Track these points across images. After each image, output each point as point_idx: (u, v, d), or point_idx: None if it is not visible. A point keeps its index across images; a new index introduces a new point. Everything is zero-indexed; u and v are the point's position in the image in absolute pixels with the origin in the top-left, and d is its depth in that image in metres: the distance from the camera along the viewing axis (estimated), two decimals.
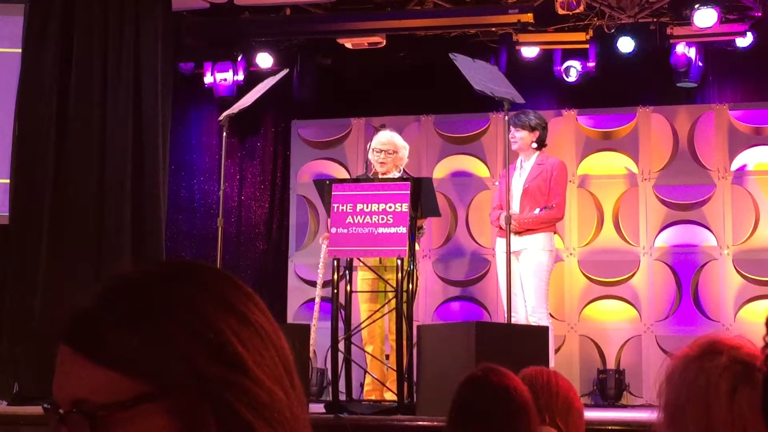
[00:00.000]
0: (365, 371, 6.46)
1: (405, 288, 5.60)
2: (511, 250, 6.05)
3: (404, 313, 5.60)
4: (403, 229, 5.57)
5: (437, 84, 8.52)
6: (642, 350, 7.94)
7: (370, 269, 6.28)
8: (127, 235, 7.15)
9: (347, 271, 5.96)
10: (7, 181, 7.36)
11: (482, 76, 6.21)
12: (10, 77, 7.41)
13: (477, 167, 8.58)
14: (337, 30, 8.10)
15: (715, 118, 8.16)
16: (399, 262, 5.61)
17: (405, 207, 5.60)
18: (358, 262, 6.22)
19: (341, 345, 5.77)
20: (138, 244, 7.18)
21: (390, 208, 5.63)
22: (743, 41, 7.98)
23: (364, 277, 6.45)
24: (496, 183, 7.55)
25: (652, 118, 8.28)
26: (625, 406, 7.68)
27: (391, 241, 5.60)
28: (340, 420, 5.20)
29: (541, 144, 6.75)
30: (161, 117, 7.37)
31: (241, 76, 8.67)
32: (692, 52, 8.05)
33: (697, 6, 7.41)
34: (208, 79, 8.70)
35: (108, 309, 0.91)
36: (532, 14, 7.53)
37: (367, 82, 8.97)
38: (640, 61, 8.26)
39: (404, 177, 6.41)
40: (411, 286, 5.66)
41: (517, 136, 6.68)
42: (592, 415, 5.35)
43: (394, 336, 5.79)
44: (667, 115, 8.29)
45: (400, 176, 6.45)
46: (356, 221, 5.68)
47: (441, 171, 8.57)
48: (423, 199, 5.74)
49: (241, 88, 8.33)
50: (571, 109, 8.44)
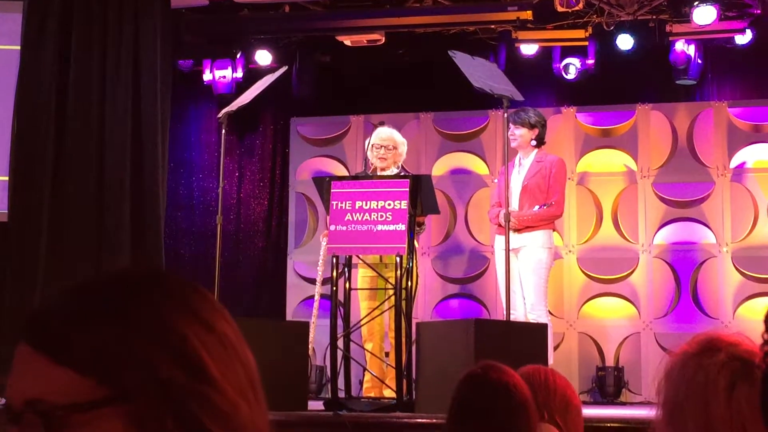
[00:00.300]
0: (364, 368, 6.46)
1: (404, 285, 5.60)
2: (510, 248, 6.05)
3: (403, 311, 5.60)
4: (402, 227, 5.57)
5: (436, 81, 8.51)
6: (641, 347, 7.94)
7: (370, 267, 6.28)
8: (126, 233, 7.15)
9: (346, 269, 5.97)
10: (6, 178, 7.36)
11: (481, 73, 6.21)
12: (9, 74, 7.41)
13: (476, 164, 8.58)
14: (336, 27, 8.10)
15: (714, 116, 8.16)
16: (398, 259, 5.61)
17: (404, 204, 5.60)
18: (358, 260, 6.23)
19: (340, 342, 5.77)
20: (137, 242, 7.18)
21: (389, 205, 5.63)
22: (742, 38, 7.98)
23: (364, 275, 6.45)
24: (495, 180, 7.55)
25: (651, 116, 8.28)
26: (623, 404, 7.69)
27: (390, 239, 5.60)
28: (339, 417, 5.20)
29: (541, 141, 6.75)
30: (160, 114, 7.37)
31: (240, 74, 8.66)
32: (691, 50, 8.05)
33: (696, 3, 7.41)
34: (207, 77, 8.70)
35: (72, 309, 0.89)
36: (531, 11, 7.53)
37: (366, 79, 8.97)
38: (640, 59, 8.25)
39: (403, 174, 6.41)
40: (410, 284, 5.66)
41: (517, 134, 6.68)
42: (591, 412, 5.36)
43: (393, 333, 5.80)
44: (666, 112, 8.29)
45: (399, 173, 6.45)
46: (355, 218, 5.68)
47: (440, 168, 8.57)
48: (422, 196, 5.74)
49: (240, 86, 8.32)
50: (570, 107, 8.44)
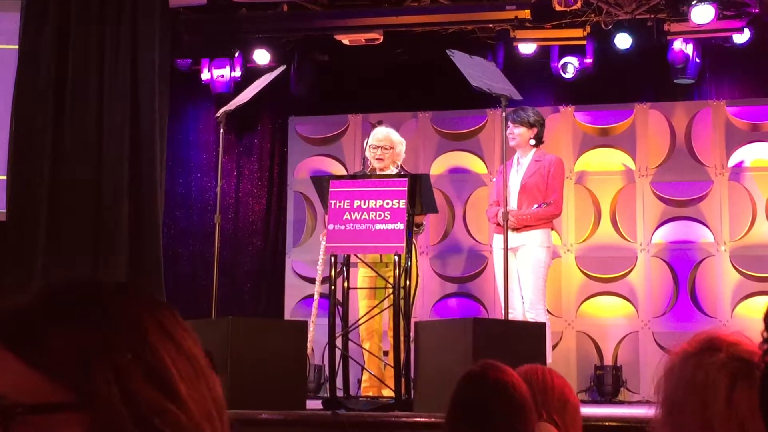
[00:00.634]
0: (363, 367, 6.46)
1: (402, 284, 5.60)
2: (509, 247, 6.06)
3: (402, 310, 5.60)
4: (401, 226, 5.57)
5: (434, 80, 8.52)
6: (639, 346, 7.95)
7: (368, 266, 6.28)
8: (124, 232, 7.14)
9: (345, 268, 5.96)
10: (4, 177, 7.36)
11: (480, 72, 6.20)
12: (7, 74, 7.41)
13: (474, 164, 8.58)
14: (334, 26, 8.11)
15: (713, 115, 8.17)
16: (396, 258, 5.61)
17: (402, 203, 5.59)
18: (357, 259, 6.22)
19: (339, 341, 5.77)
20: (135, 241, 7.18)
21: (387, 204, 5.62)
22: (740, 37, 7.98)
23: (364, 274, 6.45)
24: (494, 179, 7.55)
25: (650, 115, 8.28)
26: (622, 402, 7.69)
27: (389, 238, 5.60)
28: (338, 416, 5.20)
29: (539, 141, 6.74)
30: (158, 113, 7.36)
31: (238, 73, 8.66)
32: (689, 49, 8.05)
33: (694, 2, 7.41)
34: (206, 76, 8.69)
35: (48, 309, 0.88)
36: (529, 11, 7.54)
37: (365, 78, 8.96)
38: (638, 58, 8.26)
39: (401, 173, 6.41)
40: (408, 283, 5.66)
41: (516, 133, 6.68)
42: (589, 411, 5.36)
43: (392, 332, 5.79)
44: (665, 111, 8.30)
45: (398, 172, 6.45)
46: (353, 218, 5.68)
47: (438, 167, 8.57)
48: (421, 195, 5.74)
49: (239, 85, 8.32)
50: (568, 106, 8.44)
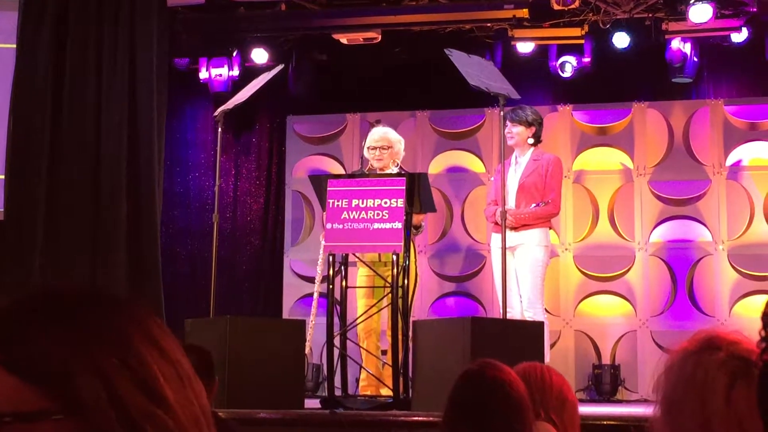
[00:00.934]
0: (361, 366, 6.46)
1: (400, 283, 5.60)
2: (507, 246, 6.06)
3: (400, 309, 5.60)
4: (399, 225, 5.57)
5: (433, 80, 8.51)
6: (637, 345, 7.95)
7: (366, 265, 6.28)
8: (122, 231, 7.14)
9: (343, 267, 5.96)
10: (2, 176, 7.35)
11: (477, 71, 6.20)
12: (5, 73, 7.40)
13: (472, 163, 8.58)
14: (332, 25, 8.10)
15: (710, 114, 8.17)
16: (394, 257, 5.61)
17: (400, 202, 5.60)
18: (356, 258, 6.23)
19: (337, 340, 5.77)
20: (133, 240, 7.17)
21: (385, 203, 5.63)
22: (738, 37, 7.99)
23: (363, 274, 6.45)
24: (492, 178, 7.55)
25: (648, 114, 8.29)
26: (620, 401, 7.70)
27: (387, 237, 5.60)
28: (336, 416, 5.20)
29: (537, 140, 6.74)
30: (156, 112, 7.36)
31: (236, 72, 8.65)
32: (687, 48, 8.06)
33: (692, 1, 7.41)
34: (204, 75, 8.69)
35: (29, 316, 0.86)
36: (527, 10, 7.54)
37: (363, 77, 8.96)
38: (636, 57, 8.26)
39: (400, 172, 6.40)
40: (407, 282, 5.66)
41: (514, 131, 6.67)
42: (587, 410, 5.37)
43: (391, 331, 5.80)
44: (663, 110, 8.30)
45: (398, 171, 6.44)
46: (352, 217, 5.68)
47: (436, 166, 8.57)
48: (420, 194, 5.74)
49: (237, 84, 8.31)
50: (566, 105, 8.44)
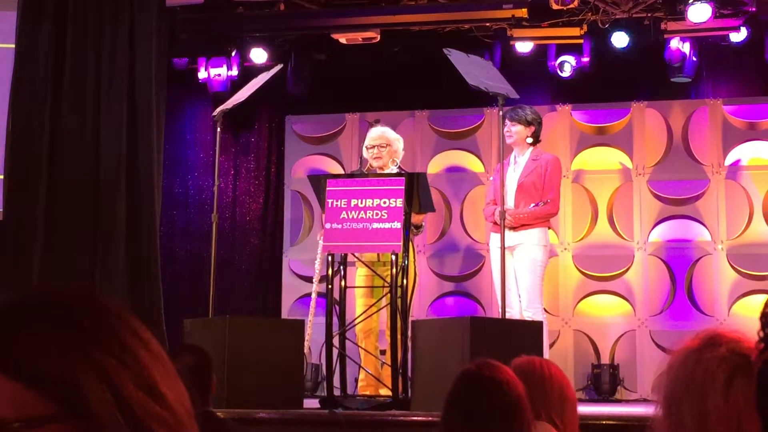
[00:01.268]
0: (360, 366, 6.46)
1: (399, 283, 5.60)
2: (506, 246, 6.06)
3: (399, 309, 5.60)
4: (398, 225, 5.57)
5: (431, 79, 8.51)
6: (636, 345, 7.95)
7: (365, 265, 6.28)
8: (121, 232, 7.14)
9: (342, 267, 5.96)
10: (1, 176, 7.35)
11: (476, 71, 6.20)
12: (4, 72, 7.39)
13: (471, 162, 8.58)
14: (331, 25, 8.10)
15: (709, 113, 8.17)
16: (393, 257, 5.61)
17: (399, 202, 5.59)
18: (356, 258, 6.22)
19: (336, 340, 5.77)
20: (133, 241, 7.17)
21: (384, 203, 5.63)
22: (737, 36, 7.99)
23: (362, 273, 6.45)
24: (491, 178, 7.55)
25: (647, 113, 8.29)
26: (619, 401, 7.70)
27: (386, 237, 5.60)
28: (335, 415, 5.20)
29: (536, 139, 6.74)
30: (155, 112, 7.36)
31: (235, 72, 8.65)
32: (686, 47, 8.06)
33: (691, 1, 7.41)
34: (202, 75, 8.69)
35: (23, 322, 0.86)
36: (526, 9, 7.53)
37: (362, 77, 8.96)
38: (635, 56, 8.26)
39: (399, 172, 6.40)
40: (406, 282, 5.66)
41: (513, 130, 6.67)
42: (586, 409, 5.37)
43: (390, 331, 5.80)
44: (662, 110, 8.30)
45: (398, 171, 6.44)
46: (351, 216, 5.68)
47: (435, 166, 8.57)
48: (419, 193, 5.74)
49: (235, 84, 8.32)
50: (565, 104, 8.44)
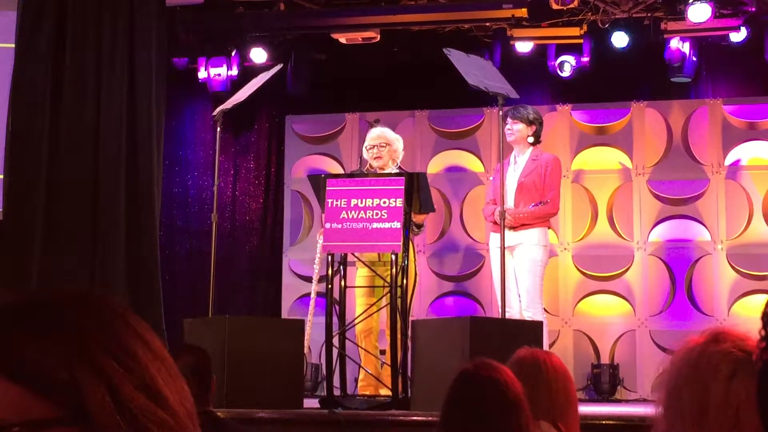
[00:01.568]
0: (360, 366, 6.47)
1: (399, 283, 5.60)
2: (506, 245, 6.06)
3: (399, 308, 5.60)
4: (398, 224, 5.57)
5: (431, 79, 8.51)
6: (636, 345, 7.95)
7: (365, 265, 6.28)
8: (121, 231, 7.13)
9: (341, 266, 5.96)
10: (1, 176, 7.35)
11: (476, 71, 6.20)
12: (4, 72, 7.39)
13: (471, 162, 8.58)
14: (331, 25, 8.10)
15: (709, 113, 8.17)
16: (393, 257, 5.61)
17: (399, 202, 5.60)
18: (355, 258, 6.22)
19: (336, 340, 5.77)
20: (133, 240, 7.17)
21: (384, 203, 5.63)
22: (737, 36, 7.98)
23: (362, 273, 6.45)
24: (491, 178, 7.55)
25: (646, 113, 8.29)
26: (619, 401, 7.70)
27: (386, 236, 5.60)
28: (335, 415, 5.20)
29: (537, 139, 6.74)
30: (155, 112, 7.36)
31: (235, 71, 8.66)
32: (686, 47, 8.06)
33: (691, 1, 7.41)
34: (202, 74, 8.69)
35: (26, 324, 0.84)
36: (526, 9, 7.53)
37: (362, 77, 8.96)
38: (634, 56, 8.26)
39: (399, 172, 6.40)
40: (406, 281, 5.66)
41: (514, 129, 6.67)
42: (586, 409, 5.36)
43: (389, 331, 5.80)
44: (661, 110, 8.30)
45: (398, 171, 6.43)
46: (350, 216, 5.68)
47: (435, 166, 8.57)
48: (420, 193, 5.74)
49: (235, 83, 8.32)
50: (565, 104, 8.44)
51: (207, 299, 6.43)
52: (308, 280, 7.48)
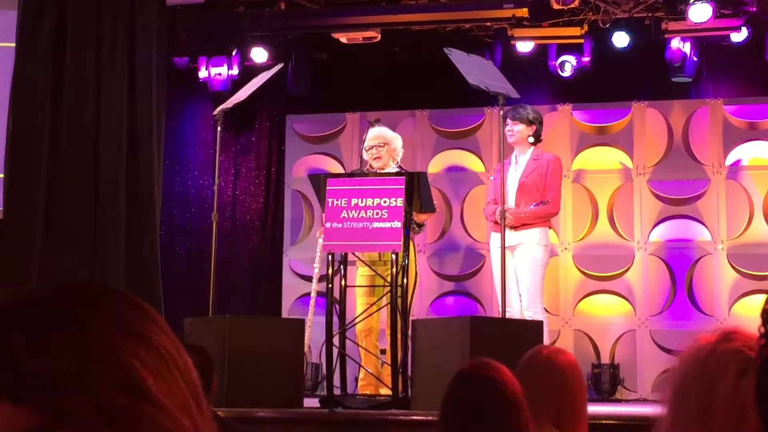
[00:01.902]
0: (360, 366, 6.46)
1: (400, 283, 5.60)
2: (506, 245, 6.05)
3: (399, 308, 5.60)
4: (398, 224, 5.57)
5: (432, 79, 8.51)
6: (636, 345, 7.95)
7: (366, 264, 6.28)
8: (121, 231, 7.13)
9: (342, 266, 5.96)
10: (1, 176, 7.34)
11: (477, 70, 6.20)
12: (4, 72, 7.39)
13: (472, 162, 8.58)
14: (331, 24, 8.10)
15: (710, 113, 8.17)
16: (393, 256, 5.61)
17: (399, 201, 5.59)
18: (356, 258, 6.22)
19: (336, 339, 5.77)
20: (133, 240, 7.17)
21: (385, 202, 5.62)
22: (738, 36, 7.98)
23: (363, 273, 6.45)
24: (491, 178, 7.54)
25: (647, 113, 8.28)
26: (619, 401, 7.70)
27: (386, 236, 5.60)
28: (335, 414, 5.20)
29: (537, 139, 6.74)
30: (155, 111, 7.36)
31: (235, 71, 8.65)
32: (687, 47, 8.05)
33: (691, 1, 7.41)
34: (203, 74, 8.69)
35: (6, 326, 0.81)
36: (527, 9, 7.53)
37: (362, 77, 8.96)
38: (635, 56, 8.25)
39: (400, 171, 6.40)
40: (406, 281, 5.66)
41: (515, 129, 6.67)
42: None
43: (390, 330, 5.80)
44: (662, 109, 8.30)
45: (398, 170, 6.43)
46: (351, 216, 5.68)
47: (436, 166, 8.57)
48: (420, 192, 5.74)
49: (236, 83, 8.31)
50: (566, 104, 8.44)
51: (207, 299, 6.43)
52: (308, 279, 7.48)
